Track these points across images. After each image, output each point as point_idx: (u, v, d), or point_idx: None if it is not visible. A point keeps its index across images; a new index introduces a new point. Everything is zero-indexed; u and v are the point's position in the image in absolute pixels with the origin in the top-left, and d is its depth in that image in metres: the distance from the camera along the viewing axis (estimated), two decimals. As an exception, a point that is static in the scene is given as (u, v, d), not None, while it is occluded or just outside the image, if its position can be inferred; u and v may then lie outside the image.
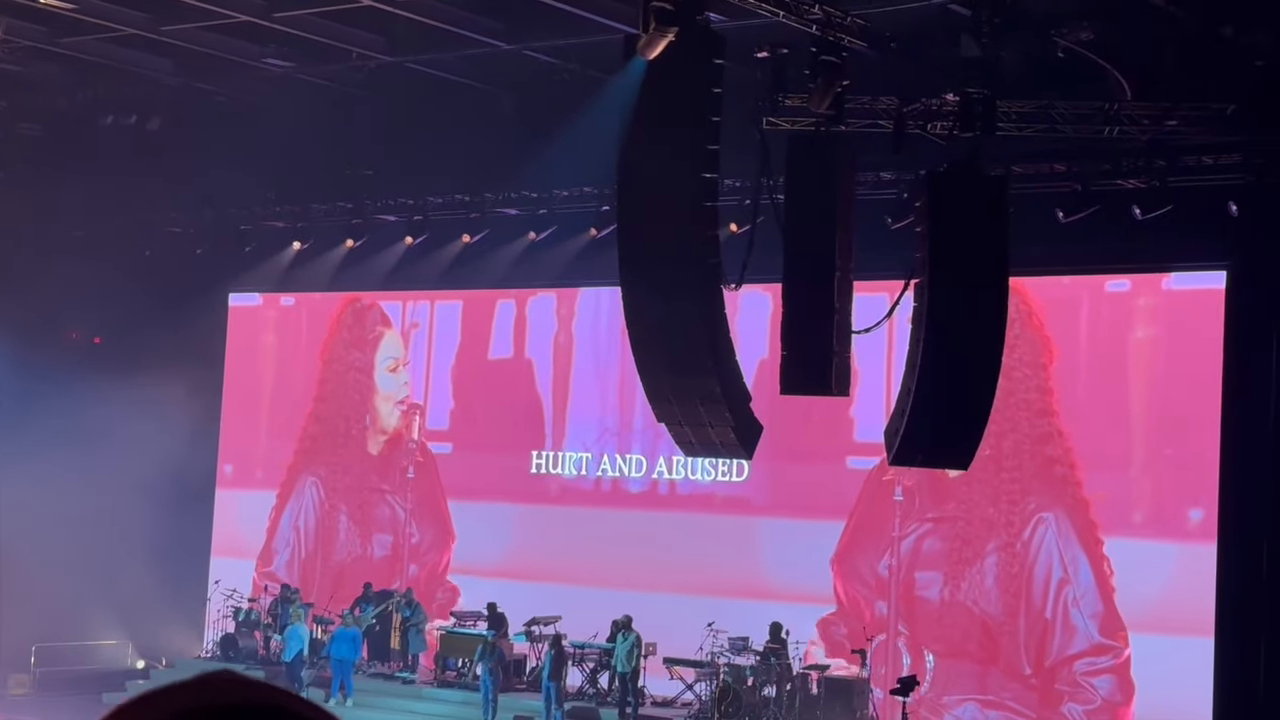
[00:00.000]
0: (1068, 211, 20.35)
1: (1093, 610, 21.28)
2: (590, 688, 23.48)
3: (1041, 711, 21.53)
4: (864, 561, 23.25)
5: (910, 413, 15.82)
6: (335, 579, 27.38)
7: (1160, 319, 21.70)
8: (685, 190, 15.24)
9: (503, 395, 26.64)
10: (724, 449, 16.57)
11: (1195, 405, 20.85)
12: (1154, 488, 21.42)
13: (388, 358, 27.82)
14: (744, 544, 24.17)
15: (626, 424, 25.44)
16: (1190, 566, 20.61)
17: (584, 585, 24.89)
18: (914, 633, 22.69)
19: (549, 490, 26.13)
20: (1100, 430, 21.70)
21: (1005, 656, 21.85)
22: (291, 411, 28.75)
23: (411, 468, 27.38)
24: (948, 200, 16.06)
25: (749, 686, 21.60)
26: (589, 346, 25.88)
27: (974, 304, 15.73)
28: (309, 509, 28.26)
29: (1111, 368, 21.88)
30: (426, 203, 25.86)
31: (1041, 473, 21.61)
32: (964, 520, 22.38)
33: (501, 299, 26.73)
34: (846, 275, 16.25)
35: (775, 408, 18.95)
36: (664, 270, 15.40)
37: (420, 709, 23.88)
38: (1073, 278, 22.23)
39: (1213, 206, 19.53)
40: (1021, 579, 21.82)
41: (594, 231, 24.16)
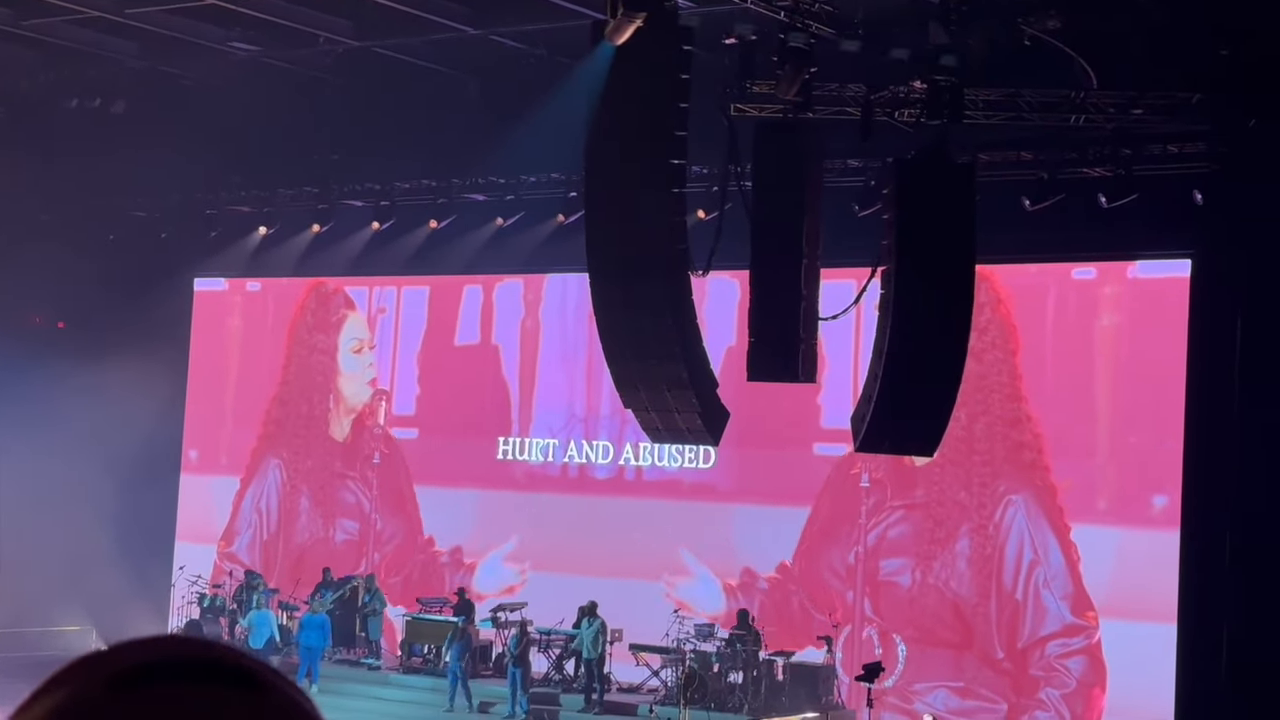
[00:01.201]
0: (1034, 199, 20.43)
1: (1063, 592, 21.42)
2: (556, 674, 23.50)
3: (1017, 698, 21.63)
4: (834, 553, 23.32)
5: (876, 400, 15.85)
6: (296, 562, 27.32)
7: (1125, 307, 21.82)
8: (653, 177, 15.22)
9: (469, 381, 26.60)
10: (691, 435, 16.57)
11: (1159, 393, 20.99)
12: (1118, 475, 21.55)
13: (351, 339, 27.74)
14: (711, 530, 24.23)
15: (594, 410, 25.44)
16: (1154, 553, 20.74)
17: (550, 571, 24.91)
18: (885, 621, 22.77)
19: (515, 476, 26.11)
20: (1066, 417, 21.82)
21: (978, 640, 21.97)
22: (257, 397, 28.64)
23: (377, 454, 27.32)
24: (915, 188, 16.08)
25: (715, 673, 21.64)
26: (556, 332, 25.86)
27: (941, 291, 15.76)
28: (271, 491, 28.18)
29: (1077, 355, 22.00)
30: (393, 188, 25.79)
31: (1011, 456, 21.71)
32: (935, 504, 22.48)
33: (469, 284, 26.67)
34: (814, 262, 16.25)
35: (743, 394, 18.98)
36: (631, 256, 15.38)
37: (387, 695, 23.85)
38: (1039, 265, 22.32)
39: (1178, 195, 19.62)
40: (993, 561, 21.96)
41: (561, 217, 24.13)
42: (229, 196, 27.04)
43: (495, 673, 23.64)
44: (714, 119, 17.31)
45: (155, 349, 27.30)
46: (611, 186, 15.50)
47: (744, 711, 21.12)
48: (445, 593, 25.30)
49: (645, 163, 15.23)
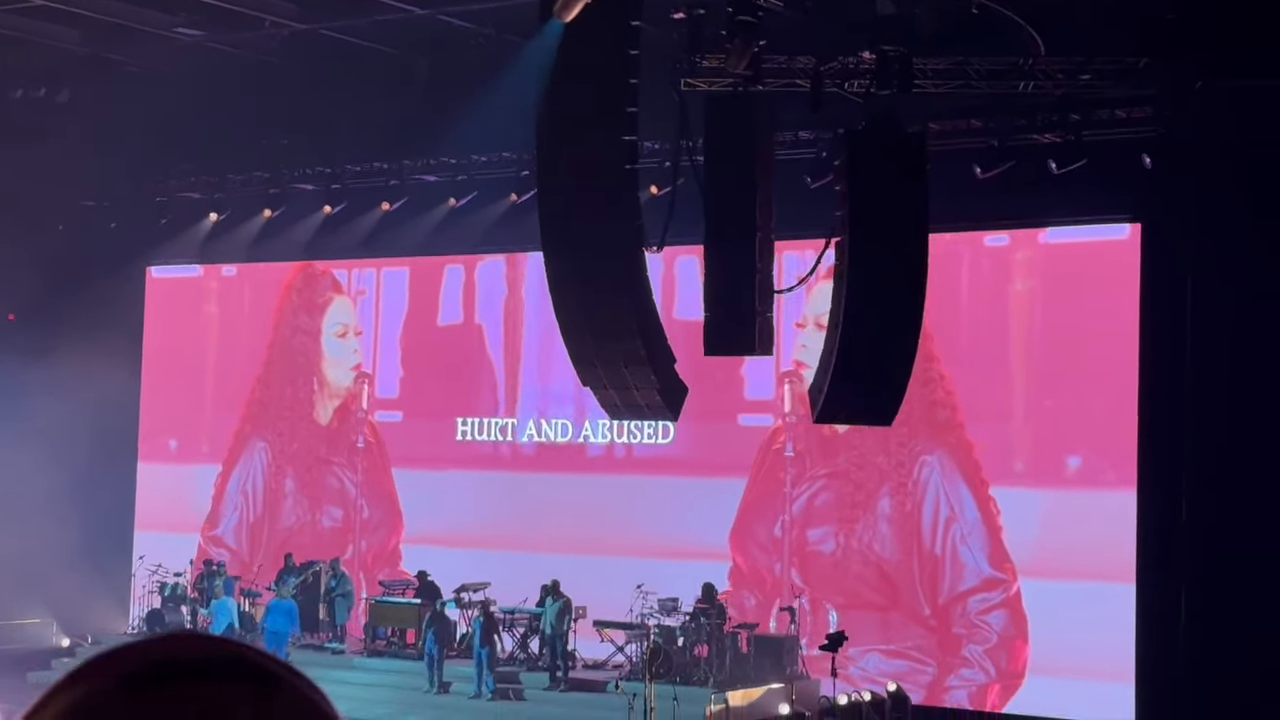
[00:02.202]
0: (985, 167, 20.53)
1: (980, 546, 21.81)
2: (521, 653, 23.53)
3: (943, 656, 21.97)
4: (761, 527, 23.56)
5: (833, 370, 15.91)
6: (281, 545, 27.25)
7: (1037, 272, 22.07)
8: (604, 153, 15.22)
9: (454, 362, 26.54)
10: (650, 411, 16.62)
11: (1073, 355, 21.31)
12: (1035, 436, 21.82)
13: (336, 323, 27.60)
14: (671, 505, 24.33)
15: (554, 388, 25.44)
16: (1071, 513, 21.02)
17: (512, 550, 24.94)
18: (814, 589, 22.99)
19: (478, 457, 26.13)
20: (983, 381, 22.07)
21: (904, 599, 22.31)
22: (232, 383, 28.52)
23: (361, 438, 27.26)
24: (866, 158, 16.13)
25: (679, 647, 21.72)
26: (536, 310, 25.78)
27: (895, 261, 15.82)
28: (257, 473, 28.08)
29: (992, 320, 22.28)
30: (344, 171, 25.69)
31: (926, 416, 21.90)
32: (856, 469, 22.78)
33: (450, 264, 26.56)
34: (768, 235, 16.31)
35: (701, 369, 19.04)
36: (585, 234, 15.38)
37: (352, 679, 23.80)
38: (954, 234, 22.51)
39: (1127, 159, 19.75)
40: (912, 520, 22.33)
41: (514, 197, 24.09)
42: (178, 184, 26.88)
43: (459, 654, 23.65)
44: (664, 94, 17.32)
45: (108, 339, 27.14)
46: (564, 164, 15.49)
47: (709, 684, 21.21)
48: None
49: (597, 139, 15.23)
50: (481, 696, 22.44)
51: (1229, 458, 19.55)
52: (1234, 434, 19.51)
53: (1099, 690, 20.70)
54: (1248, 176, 19.09)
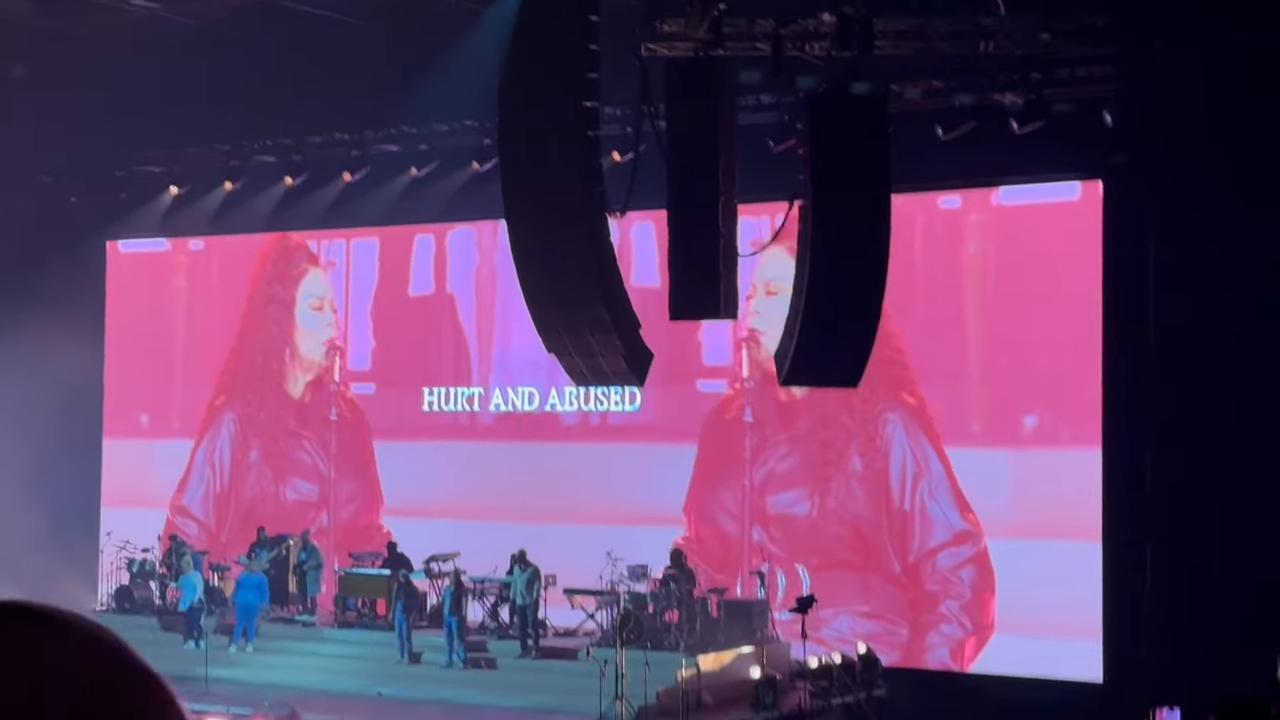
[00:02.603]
0: (946, 128, 20.54)
1: (947, 501, 22.02)
2: (492, 622, 23.56)
3: (916, 615, 22.13)
4: (724, 492, 23.71)
5: (799, 333, 15.92)
6: (245, 517, 27.21)
7: (990, 233, 22.13)
8: (566, 120, 15.17)
9: (426, 332, 26.48)
10: (615, 377, 16.61)
11: (1033, 315, 21.40)
12: (991, 397, 21.92)
13: (311, 295, 27.44)
14: (639, 472, 24.39)
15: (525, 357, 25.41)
16: (1035, 473, 21.13)
17: (482, 520, 24.96)
18: (787, 553, 23.10)
19: (449, 427, 26.12)
20: (938, 343, 22.16)
21: (876, 557, 22.47)
22: (204, 357, 28.42)
23: (334, 411, 27.18)
24: (828, 121, 16.12)
25: (650, 613, 21.77)
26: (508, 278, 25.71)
27: (858, 223, 15.83)
28: (224, 445, 27.99)
29: (946, 281, 22.37)
30: (304, 142, 25.58)
31: (884, 375, 21.98)
32: (821, 429, 22.94)
33: (420, 234, 26.46)
34: (730, 199, 16.27)
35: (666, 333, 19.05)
36: (548, 201, 15.34)
37: (323, 650, 23.82)
38: (906, 196, 22.55)
39: (1088, 118, 19.79)
40: (882, 477, 22.51)
41: (476, 165, 24.03)
42: (138, 157, 26.71)
43: (430, 623, 23.66)
44: (625, 60, 17.25)
45: (70, 315, 26.97)
46: (525, 132, 15.44)
47: (680, 649, 21.27)
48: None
49: (558, 106, 15.18)
50: (453, 666, 22.46)
51: (1192, 415, 19.67)
52: (1197, 391, 19.62)
53: (1067, 648, 20.85)
54: (1208, 133, 19.15)
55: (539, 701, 21.11)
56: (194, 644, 23.62)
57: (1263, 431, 19.18)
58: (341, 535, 26.66)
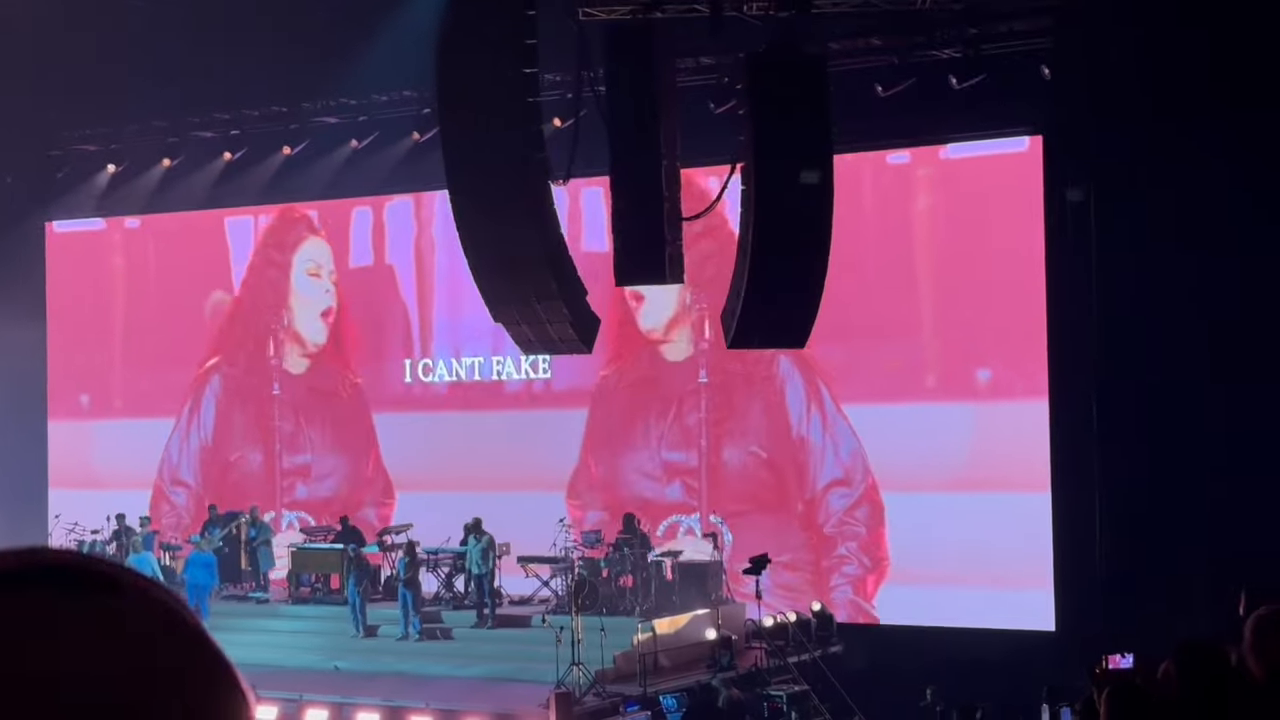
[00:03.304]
0: (886, 85, 20.58)
1: (834, 437, 22.57)
2: (446, 592, 23.55)
3: (819, 558, 22.71)
4: (639, 453, 23.89)
5: (745, 295, 15.94)
6: (228, 483, 27.17)
7: (939, 188, 22.22)
8: (506, 87, 15.10)
9: (367, 304, 26.40)
10: (563, 345, 16.59)
11: (1006, 265, 21.50)
12: (944, 351, 22.06)
13: (308, 260, 27.17)
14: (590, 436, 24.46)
15: (467, 326, 25.39)
16: (1019, 424, 21.30)
17: (433, 491, 24.96)
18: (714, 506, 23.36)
19: (396, 398, 26.09)
20: (890, 298, 22.26)
21: (782, 492, 22.95)
22: (132, 338, 28.22)
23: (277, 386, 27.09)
24: (767, 82, 16.09)
25: (604, 578, 21.82)
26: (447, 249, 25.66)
27: (800, 183, 15.82)
28: (209, 408, 27.79)
29: (897, 239, 22.42)
30: (242, 116, 25.39)
31: None
32: (723, 376, 23.19)
33: (358, 206, 26.35)
34: (673, 163, 16.25)
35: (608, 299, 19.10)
36: (490, 170, 15.28)
37: (278, 627, 23.76)
38: (855, 155, 22.62)
39: (1026, 72, 19.86)
40: (780, 409, 23.00)
41: (417, 135, 23.92)
42: (73, 135, 26.44)
43: (385, 596, 23.64)
44: (563, 25, 17.18)
45: (10, 296, 26.71)
46: (465, 100, 15.37)
47: (635, 614, 21.34)
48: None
49: (497, 74, 15.11)
50: (409, 638, 22.45)
51: (1136, 363, 19.83)
52: (1140, 339, 19.78)
53: (1020, 599, 21.04)
54: (1147, 84, 19.25)
55: (496, 670, 21.14)
56: (148, 624, 23.47)
57: (1206, 377, 19.35)
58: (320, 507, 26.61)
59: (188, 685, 1.11)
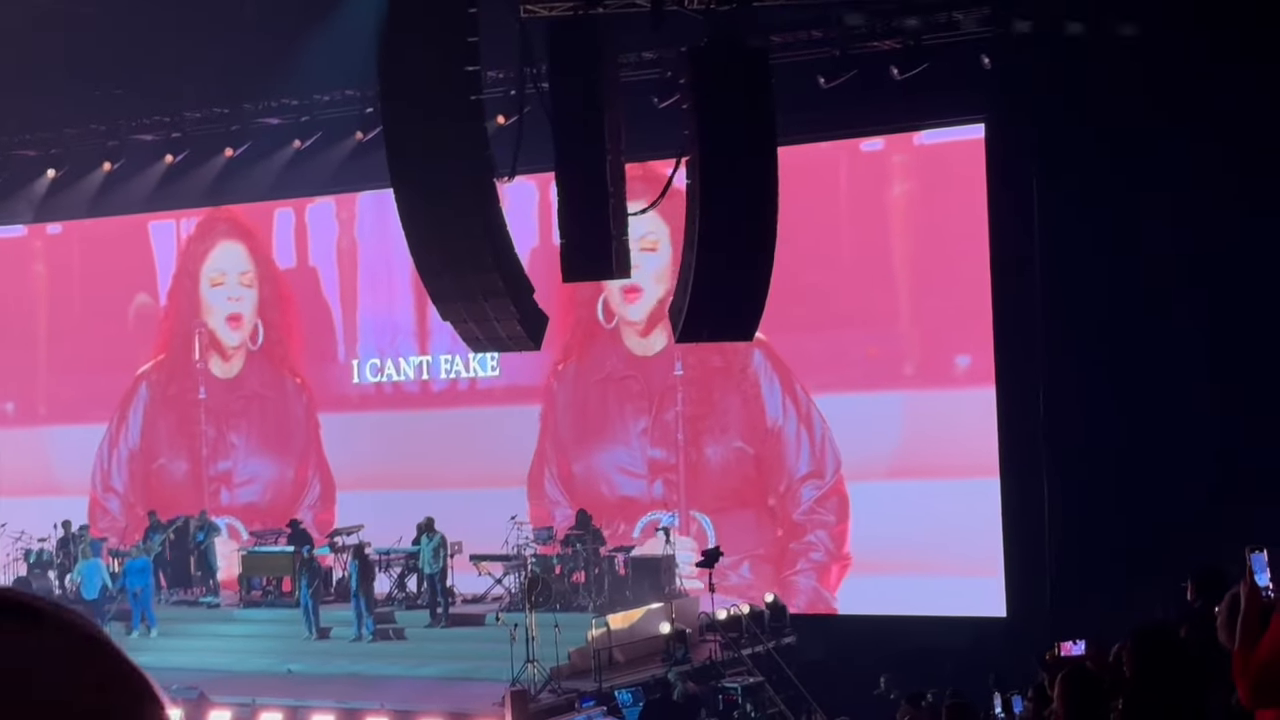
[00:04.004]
0: (828, 77, 20.64)
1: (808, 432, 22.59)
2: (399, 592, 23.48)
3: (783, 549, 22.82)
4: (617, 450, 23.79)
5: (692, 289, 15.94)
6: (159, 490, 27.00)
7: (914, 174, 22.29)
8: (449, 85, 15.04)
9: (295, 306, 26.33)
10: (511, 342, 16.55)
11: (959, 254, 21.59)
12: (923, 339, 22.13)
13: (214, 269, 27.11)
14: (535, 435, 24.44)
15: (417, 325, 25.35)
16: (968, 411, 21.39)
17: (384, 490, 24.90)
18: (691, 502, 23.35)
19: (331, 399, 26.02)
20: (866, 286, 22.32)
21: (760, 486, 22.98)
22: (56, 345, 28.01)
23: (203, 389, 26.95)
24: (710, 75, 16.09)
25: (557, 575, 21.80)
26: (373, 250, 25.63)
27: (745, 176, 15.84)
28: (138, 414, 27.63)
29: (873, 225, 22.47)
30: (183, 119, 25.22)
31: None
32: (700, 370, 23.13)
33: (279, 208, 26.28)
34: (618, 158, 16.24)
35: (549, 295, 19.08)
36: (435, 168, 15.22)
37: (229, 631, 23.63)
38: (831, 143, 22.66)
39: (967, 62, 19.96)
40: (756, 404, 23.05)
41: (360, 135, 23.83)
42: (11, 140, 26.19)
43: (337, 598, 23.55)
44: (505, 22, 17.14)
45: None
46: (408, 99, 15.30)
47: (589, 609, 21.33)
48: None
49: (439, 72, 15.05)
50: (362, 639, 22.38)
51: (1081, 349, 19.97)
52: (1085, 324, 19.92)
53: (971, 585, 21.16)
54: (1085, 71, 19.37)
55: (450, 669, 21.09)
56: (98, 632, 23.32)
57: (1154, 363, 19.51)
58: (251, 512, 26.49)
59: (112, 708, 1.15)
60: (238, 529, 26.31)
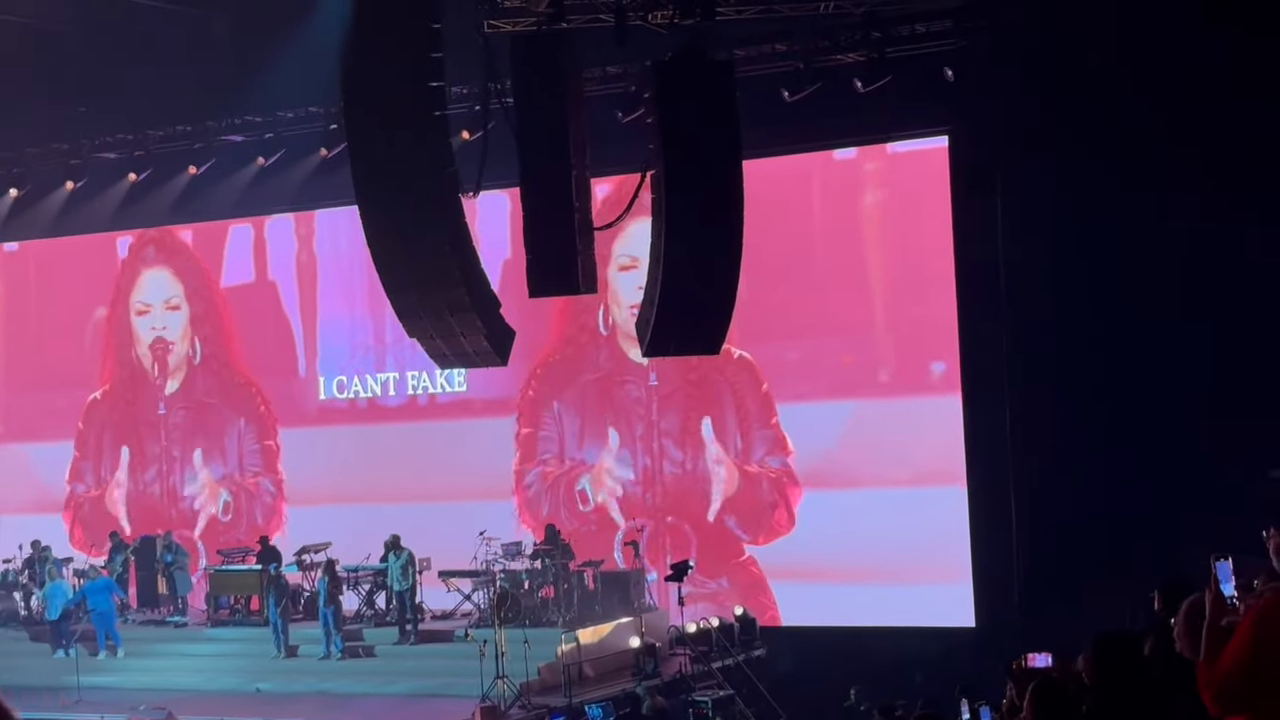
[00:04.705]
0: (792, 90, 20.69)
1: (770, 444, 22.63)
2: (368, 610, 23.41)
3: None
4: (609, 460, 23.92)
5: (659, 303, 15.94)
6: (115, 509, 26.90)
7: (887, 183, 22.36)
8: (413, 101, 15.02)
9: (250, 322, 26.28)
10: (478, 358, 16.50)
11: (928, 262, 21.66)
12: (898, 346, 22.18)
13: (137, 301, 27.14)
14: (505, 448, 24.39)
15: (378, 340, 25.31)
16: (941, 419, 21.45)
17: (352, 503, 24.86)
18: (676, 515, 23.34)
19: (294, 415, 25.97)
20: (841, 295, 22.37)
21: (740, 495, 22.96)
22: (13, 362, 27.90)
23: (163, 405, 26.85)
24: (674, 89, 16.09)
25: (526, 590, 21.76)
26: (333, 265, 25.59)
27: (711, 190, 15.85)
28: (95, 433, 27.53)
29: (846, 234, 22.52)
30: (146, 136, 25.14)
31: None
32: (680, 381, 23.23)
33: (236, 225, 26.26)
34: (583, 173, 16.23)
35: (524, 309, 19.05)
36: (400, 185, 15.18)
37: (198, 650, 23.52)
38: (804, 154, 22.71)
39: (930, 74, 20.03)
40: (738, 414, 23.03)
41: (324, 151, 23.78)
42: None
43: (305, 616, 23.45)
44: (469, 38, 17.14)
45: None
46: (372, 115, 15.26)
47: (559, 625, 21.30)
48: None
49: (403, 88, 15.02)
50: (331, 657, 22.30)
51: (1046, 356, 20.03)
52: (1049, 333, 19.98)
53: (941, 596, 21.20)
54: (1051, 81, 19.47)
55: (420, 686, 21.03)
56: (64, 653, 23.22)
57: (1118, 372, 19.59)
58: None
59: None
60: (196, 547, 26.19)
